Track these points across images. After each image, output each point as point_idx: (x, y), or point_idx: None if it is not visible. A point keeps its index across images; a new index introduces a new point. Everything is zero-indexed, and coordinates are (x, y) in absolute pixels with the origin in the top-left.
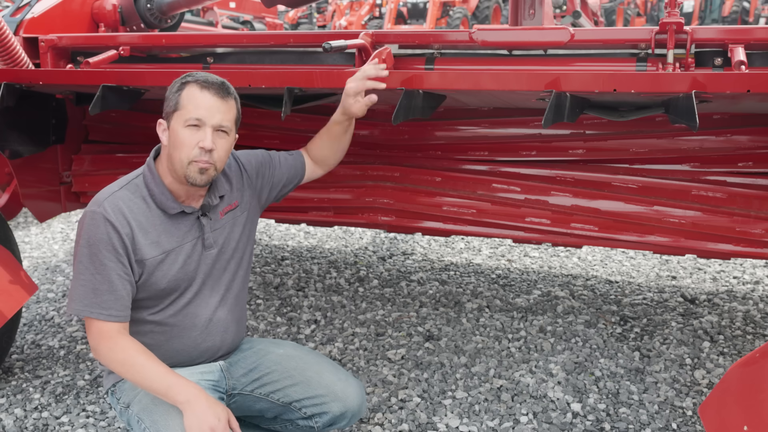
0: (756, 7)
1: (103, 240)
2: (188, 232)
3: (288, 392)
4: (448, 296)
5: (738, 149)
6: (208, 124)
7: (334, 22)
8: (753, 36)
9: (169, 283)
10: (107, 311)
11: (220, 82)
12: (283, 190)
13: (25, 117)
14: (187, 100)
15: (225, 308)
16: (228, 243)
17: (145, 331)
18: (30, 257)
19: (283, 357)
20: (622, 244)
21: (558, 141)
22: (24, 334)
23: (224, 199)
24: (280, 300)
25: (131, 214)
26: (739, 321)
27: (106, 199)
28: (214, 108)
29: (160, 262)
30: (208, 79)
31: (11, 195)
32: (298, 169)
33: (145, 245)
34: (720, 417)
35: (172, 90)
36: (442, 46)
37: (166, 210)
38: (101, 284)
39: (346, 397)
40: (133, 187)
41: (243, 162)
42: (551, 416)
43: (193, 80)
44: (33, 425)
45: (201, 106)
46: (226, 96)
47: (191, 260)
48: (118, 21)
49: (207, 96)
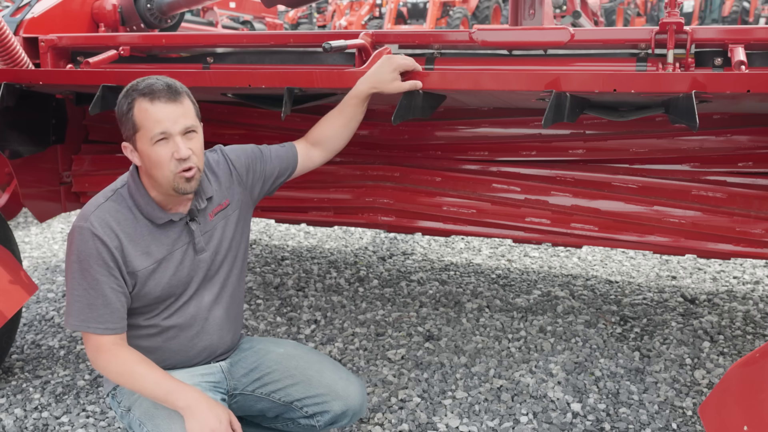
0: (756, 7)
1: (92, 255)
2: (178, 239)
3: (289, 391)
4: (448, 296)
5: (738, 149)
6: (174, 133)
7: (334, 22)
8: (753, 36)
9: (162, 290)
10: (104, 325)
11: (166, 86)
12: (276, 182)
13: (25, 117)
14: (143, 118)
15: (221, 307)
16: (221, 244)
17: (142, 335)
18: (30, 257)
19: (283, 356)
20: (622, 244)
21: (558, 141)
22: (24, 334)
23: (213, 200)
24: (280, 300)
25: (119, 226)
26: (739, 321)
27: (92, 213)
28: (173, 115)
29: (152, 271)
30: (153, 89)
31: (11, 195)
32: (290, 160)
33: (135, 256)
34: (720, 417)
35: (123, 111)
36: (442, 46)
37: (153, 220)
38: (95, 299)
39: (347, 396)
40: (118, 198)
41: (232, 159)
42: (551, 416)
43: (138, 95)
44: (33, 425)
45: (160, 119)
46: (178, 98)
47: (183, 266)
48: (118, 21)
49: (160, 107)
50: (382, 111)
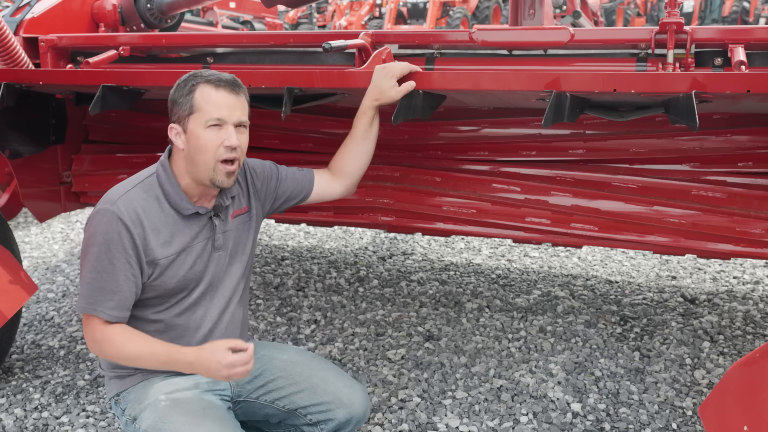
0: (756, 7)
1: (114, 239)
2: (200, 233)
3: (293, 399)
4: (448, 296)
5: (738, 149)
6: (229, 122)
7: (334, 22)
8: (753, 36)
9: (178, 282)
10: (109, 311)
11: (232, 79)
12: (286, 203)
13: (25, 117)
14: (204, 101)
15: (229, 312)
16: (237, 247)
17: (148, 330)
18: (30, 257)
19: (287, 363)
20: (622, 244)
21: (558, 141)
22: (24, 334)
23: (235, 201)
24: (280, 300)
25: (144, 214)
26: (739, 321)
27: (120, 197)
28: (233, 106)
29: (172, 261)
30: (220, 77)
31: (11, 195)
32: (305, 185)
33: (156, 246)
34: (720, 417)
35: (182, 93)
36: (442, 46)
37: (180, 211)
38: (107, 283)
39: (351, 404)
40: (146, 186)
41: (251, 170)
42: (551, 416)
43: (204, 80)
44: (33, 425)
45: (220, 105)
46: (240, 91)
47: (201, 260)
48: (118, 21)
49: (223, 94)
50: (382, 111)
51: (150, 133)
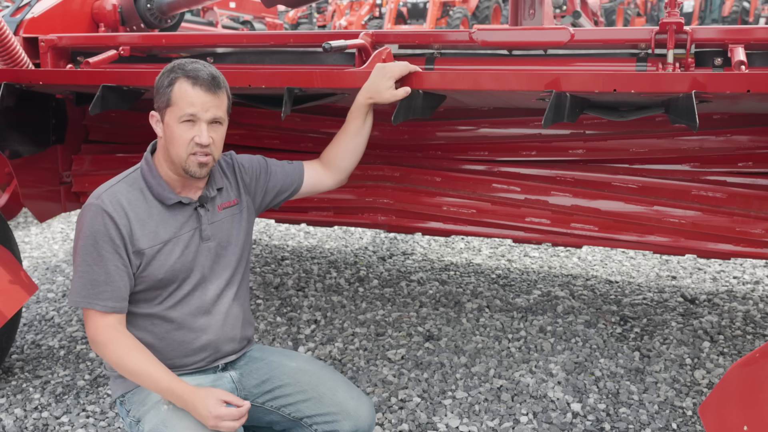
0: (756, 7)
1: (100, 231)
2: (186, 223)
3: (300, 407)
4: (448, 296)
5: (738, 149)
6: (203, 119)
7: (334, 22)
8: (753, 36)
9: (166, 273)
10: (104, 302)
11: (211, 77)
12: (278, 197)
13: (25, 117)
14: (179, 97)
15: (224, 303)
16: (227, 239)
17: (144, 325)
18: (30, 257)
19: (296, 370)
20: (622, 244)
21: (558, 141)
22: (24, 334)
23: (222, 193)
24: (280, 300)
25: (129, 206)
26: (739, 321)
27: (104, 192)
28: (208, 103)
29: (158, 251)
30: (198, 74)
31: (11, 195)
32: (295, 178)
33: (142, 236)
34: (720, 417)
35: (163, 83)
36: (442, 46)
37: (163, 201)
38: (99, 275)
39: (358, 416)
40: (130, 180)
41: (240, 165)
42: (551, 416)
43: (183, 75)
44: (33, 425)
45: (194, 103)
46: (218, 90)
47: (189, 251)
48: (118, 21)
49: (199, 92)
50: (382, 111)
51: (150, 133)
